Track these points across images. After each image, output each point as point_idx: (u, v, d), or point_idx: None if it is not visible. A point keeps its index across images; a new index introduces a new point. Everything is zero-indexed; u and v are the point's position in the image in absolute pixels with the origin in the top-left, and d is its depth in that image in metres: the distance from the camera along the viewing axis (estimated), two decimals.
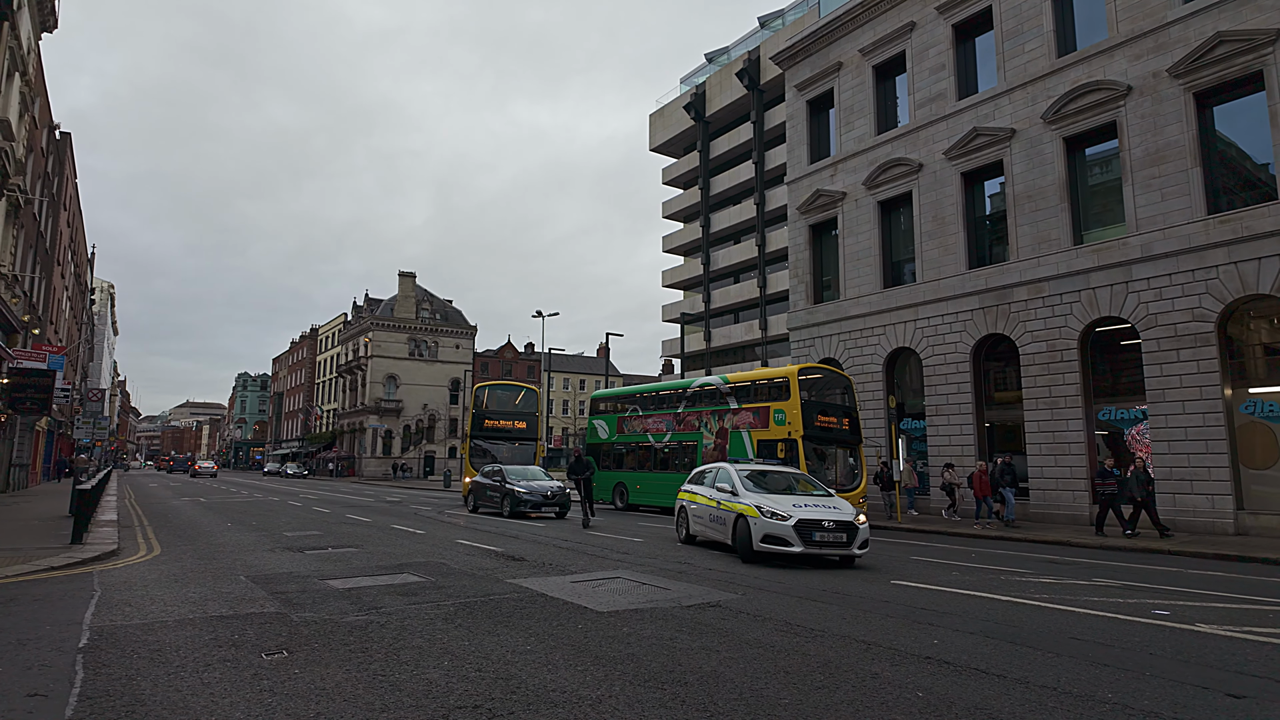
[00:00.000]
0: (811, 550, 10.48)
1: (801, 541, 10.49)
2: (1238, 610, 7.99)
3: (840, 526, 10.65)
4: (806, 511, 10.81)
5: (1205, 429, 16.90)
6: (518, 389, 30.13)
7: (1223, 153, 17.69)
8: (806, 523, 10.61)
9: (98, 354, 74.05)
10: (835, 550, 10.61)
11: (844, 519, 10.74)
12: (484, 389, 28.94)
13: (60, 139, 33.61)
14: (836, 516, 10.76)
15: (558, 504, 20.01)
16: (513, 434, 27.81)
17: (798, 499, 11.46)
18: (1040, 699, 4.68)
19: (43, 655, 5.32)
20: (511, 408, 28.78)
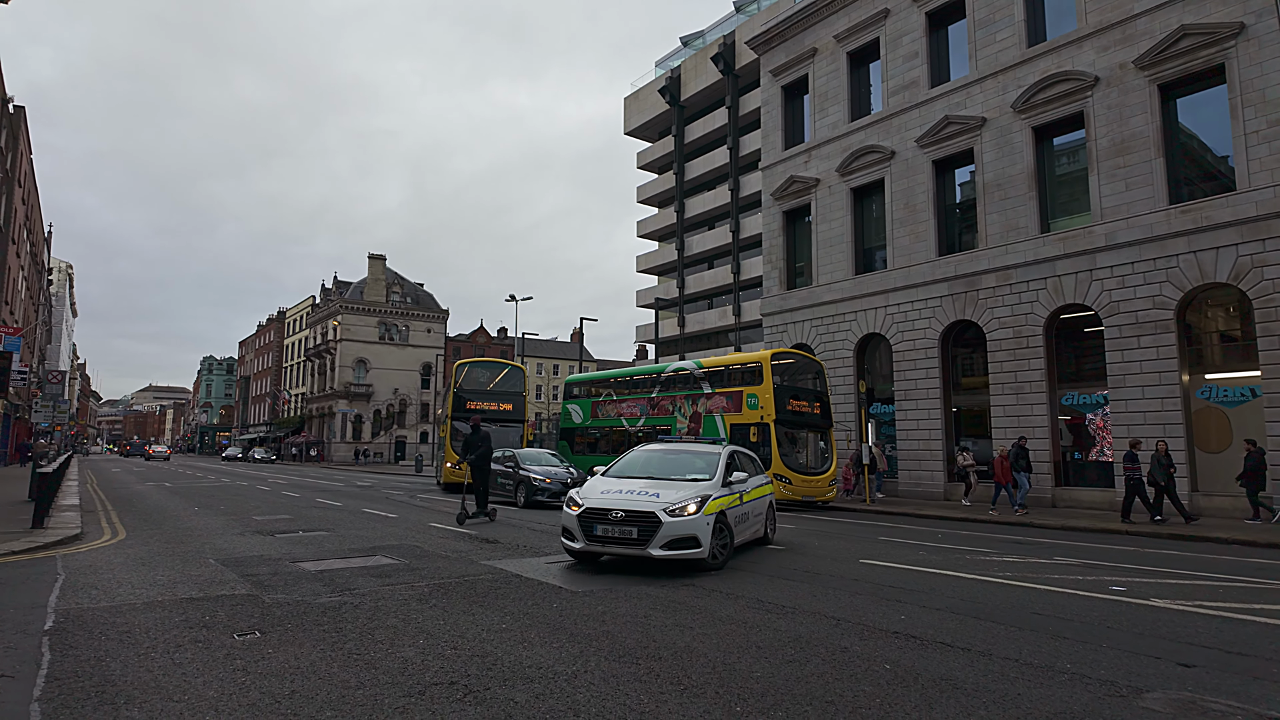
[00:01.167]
0: (592, 548, 8.29)
1: (584, 536, 8.33)
2: (1190, 586, 8.29)
3: (632, 519, 8.03)
4: (609, 498, 8.40)
5: (1163, 414, 17.41)
6: (501, 366, 27.87)
7: (1185, 144, 18.11)
8: (593, 513, 8.27)
9: (56, 336, 72.05)
10: (621, 548, 8.10)
11: (645, 509, 8.03)
12: (465, 366, 26.88)
13: (14, 113, 32.48)
14: (643, 506, 8.10)
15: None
16: (497, 416, 25.59)
17: (644, 484, 8.82)
18: (1003, 670, 4.83)
19: (7, 638, 5.24)
20: (496, 387, 26.66)
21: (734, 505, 9.08)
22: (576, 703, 4.07)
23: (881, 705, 4.12)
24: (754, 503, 10.04)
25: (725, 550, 8.70)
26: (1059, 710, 4.10)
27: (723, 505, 8.68)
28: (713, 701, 4.13)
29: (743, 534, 9.55)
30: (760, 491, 10.51)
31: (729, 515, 8.83)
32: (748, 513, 9.70)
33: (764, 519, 10.66)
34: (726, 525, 8.75)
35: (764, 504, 10.66)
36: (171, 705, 3.94)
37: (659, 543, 7.98)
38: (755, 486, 10.28)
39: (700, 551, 8.15)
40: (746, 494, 9.71)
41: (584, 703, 4.07)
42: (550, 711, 3.93)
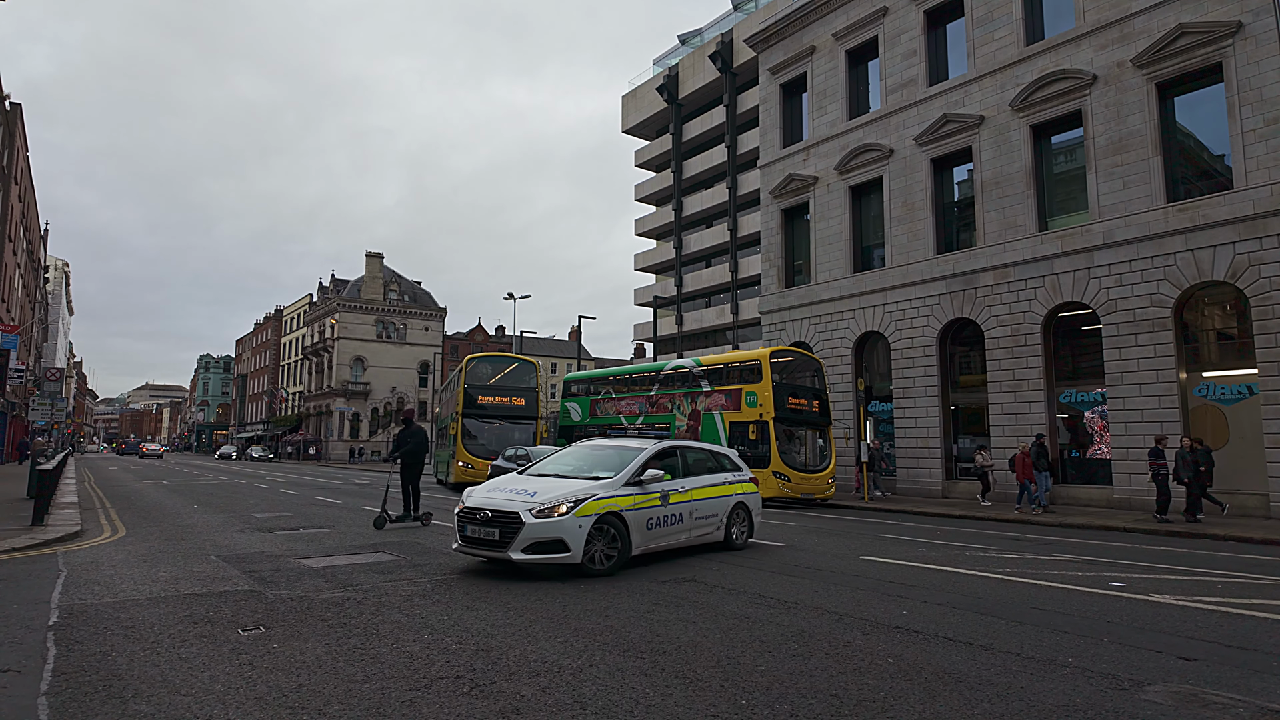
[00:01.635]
0: (464, 550, 7.99)
1: (459, 537, 8.05)
2: (1189, 581, 8.34)
3: (497, 519, 7.62)
4: (487, 497, 8.05)
5: (1161, 411, 17.47)
6: (513, 361, 26.69)
7: (1182, 143, 18.17)
8: (466, 513, 7.94)
9: (52, 334, 71.85)
10: (486, 550, 7.73)
11: (509, 509, 7.59)
12: (476, 361, 25.75)
13: (10, 110, 32.38)
14: (510, 505, 7.66)
15: None
16: (510, 412, 24.63)
17: (543, 481, 8.43)
18: (1005, 664, 4.87)
19: (11, 633, 5.24)
20: (508, 382, 25.37)
21: (642, 506, 8.29)
22: (583, 696, 4.09)
23: (885, 698, 4.15)
24: (692, 504, 9.13)
25: (615, 556, 7.87)
26: (1062, 703, 4.13)
27: (616, 506, 7.94)
28: (718, 695, 4.16)
29: (667, 538, 8.72)
30: (713, 492, 9.62)
31: (629, 517, 8.06)
32: (678, 514, 8.85)
33: (719, 521, 9.68)
34: (620, 528, 7.94)
35: (721, 504, 9.72)
36: (179, 699, 3.95)
37: (520, 545, 7.47)
38: (701, 486, 9.41)
39: (568, 556, 7.50)
40: (678, 494, 8.90)
41: (590, 696, 4.09)
42: (557, 705, 3.95)
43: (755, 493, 10.73)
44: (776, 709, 3.95)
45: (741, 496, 10.28)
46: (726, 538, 9.95)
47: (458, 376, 25.97)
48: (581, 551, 7.58)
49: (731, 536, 10.02)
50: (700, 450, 10.29)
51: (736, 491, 10.20)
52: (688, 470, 9.52)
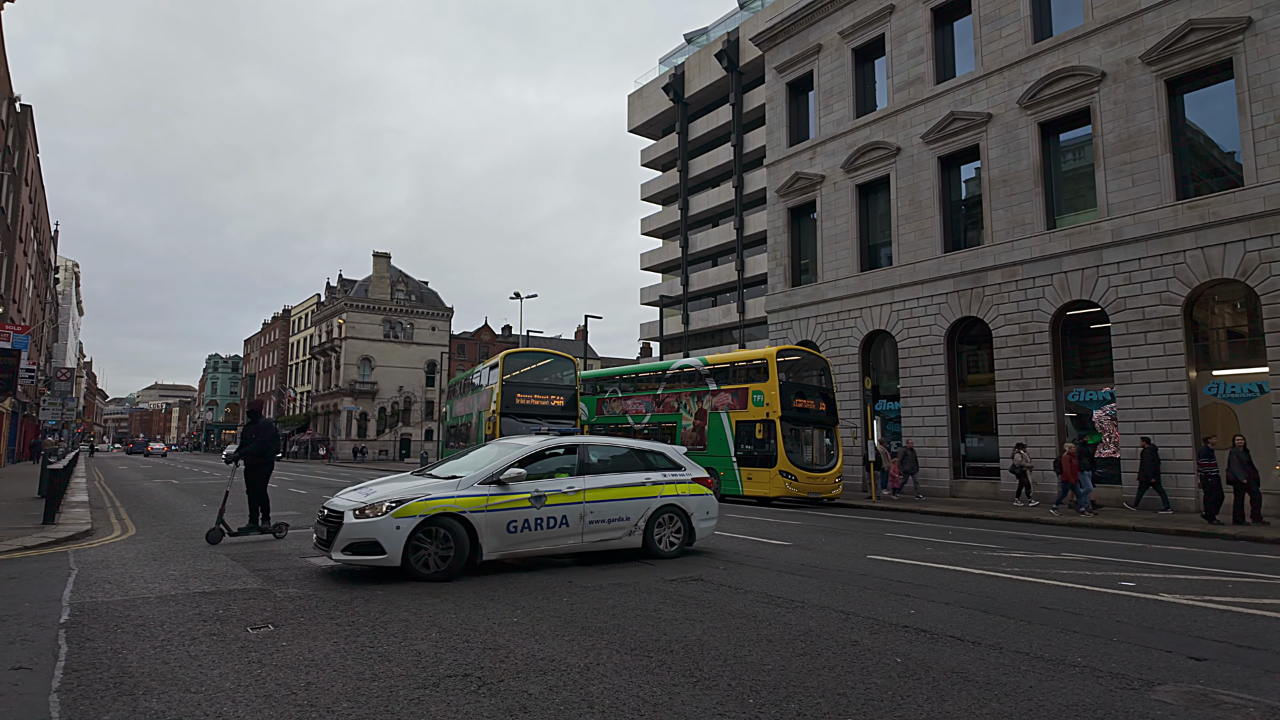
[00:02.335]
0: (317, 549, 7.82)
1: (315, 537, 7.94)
2: (1199, 581, 8.29)
3: (329, 519, 7.52)
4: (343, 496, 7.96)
5: (1170, 410, 17.37)
6: (553, 358, 24.99)
7: (1192, 140, 18.05)
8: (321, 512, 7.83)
9: (62, 334, 72.31)
10: (320, 549, 7.65)
11: (339, 508, 7.47)
12: (514, 357, 23.98)
13: (21, 111, 32.60)
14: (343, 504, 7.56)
15: None
16: (550, 412, 23.05)
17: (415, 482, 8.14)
18: (1013, 663, 4.85)
19: (24, 631, 5.28)
20: (548, 380, 23.92)
21: (501, 508, 7.77)
22: (590, 694, 4.09)
23: (894, 697, 4.14)
24: (585, 505, 8.38)
25: (450, 559, 7.39)
26: (1071, 703, 4.11)
27: (454, 507, 7.47)
28: (725, 693, 4.15)
29: (544, 542, 8.10)
30: (624, 493, 8.75)
31: (478, 518, 7.58)
32: (559, 517, 8.15)
33: (633, 525, 8.77)
34: (459, 530, 7.47)
35: (636, 507, 8.80)
36: (189, 696, 3.98)
37: (339, 545, 7.25)
38: (604, 487, 8.62)
39: (384, 559, 7.17)
40: (560, 495, 8.22)
41: (597, 695, 4.09)
42: (564, 703, 3.96)
43: (701, 495, 9.49)
44: (784, 708, 3.95)
45: (673, 499, 9.15)
46: (647, 544, 8.88)
47: (487, 372, 24.69)
48: (400, 554, 7.20)
49: (654, 543, 8.93)
50: (617, 448, 9.45)
51: (663, 493, 9.09)
52: (591, 469, 8.76)
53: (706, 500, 9.64)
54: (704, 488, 9.68)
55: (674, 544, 9.17)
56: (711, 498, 9.76)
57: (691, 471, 9.71)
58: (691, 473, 9.68)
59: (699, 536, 9.51)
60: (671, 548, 9.12)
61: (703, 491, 9.63)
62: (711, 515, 9.71)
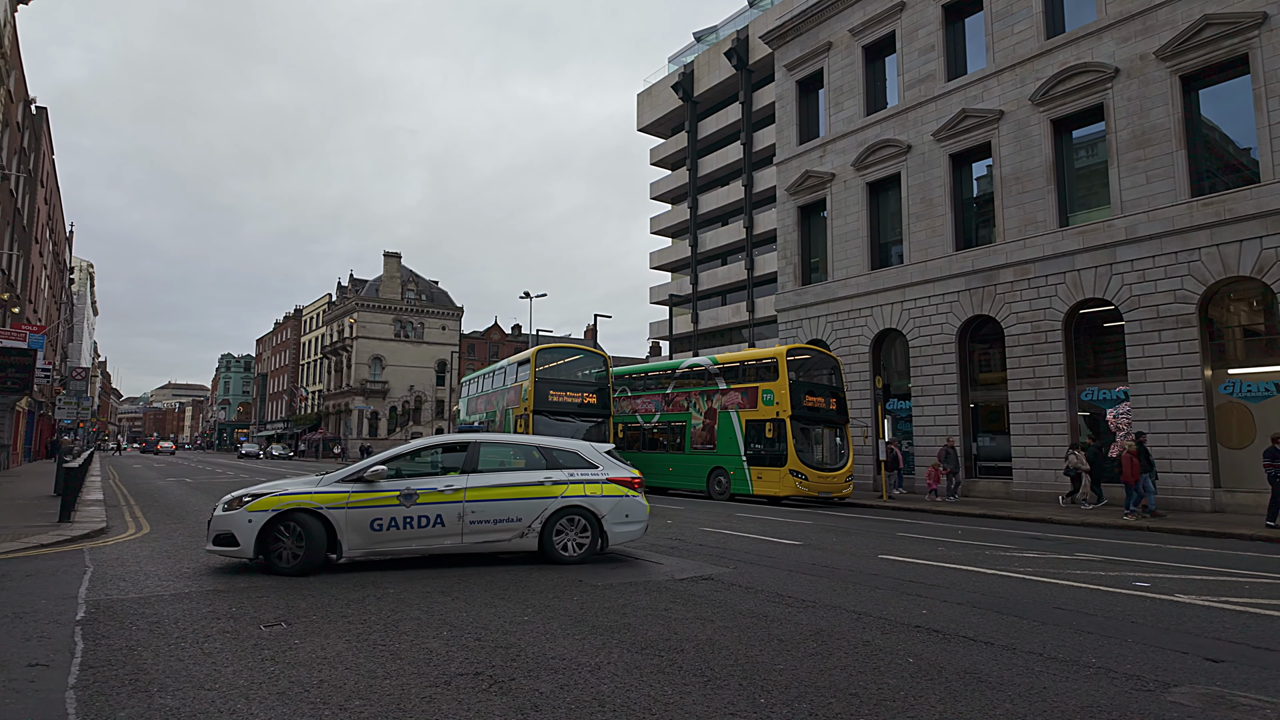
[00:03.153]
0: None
1: None
2: (1215, 582, 8.21)
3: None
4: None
5: (1185, 409, 17.21)
6: (585, 353, 24.50)
7: (1207, 136, 17.87)
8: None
9: (77, 334, 73.03)
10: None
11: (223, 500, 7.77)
12: (547, 353, 23.30)
13: (36, 114, 32.93)
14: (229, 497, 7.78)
15: None
16: (583, 409, 22.37)
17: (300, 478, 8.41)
18: (1027, 664, 4.81)
19: (40, 628, 5.33)
20: (581, 377, 23.25)
21: (364, 505, 7.70)
22: (601, 693, 4.10)
23: (906, 698, 4.12)
24: (465, 505, 8.04)
25: (300, 555, 7.43)
26: (1085, 704, 4.08)
27: (310, 502, 7.52)
28: (736, 693, 4.15)
29: (416, 541, 7.91)
30: (514, 492, 8.28)
31: (336, 515, 7.56)
32: (434, 516, 7.92)
33: (526, 527, 8.26)
34: (315, 526, 7.47)
35: (529, 508, 8.28)
36: (204, 694, 4.01)
37: (210, 537, 7.57)
38: (491, 486, 8.24)
39: (238, 550, 7.41)
40: (435, 493, 7.98)
41: (608, 693, 4.10)
42: (575, 702, 3.96)
43: (618, 495, 8.67)
44: (796, 708, 3.94)
45: (578, 500, 8.46)
46: (544, 548, 8.33)
47: (514, 368, 24.07)
48: (253, 547, 7.37)
49: (552, 547, 8.34)
50: (518, 445, 9.06)
51: (565, 493, 8.44)
52: (481, 468, 8.40)
53: (626, 502, 8.70)
54: (623, 488, 8.75)
55: (580, 548, 8.45)
56: (634, 499, 8.78)
57: (609, 471, 8.86)
58: (608, 472, 8.84)
59: (615, 541, 8.68)
60: (577, 552, 8.43)
61: (621, 492, 8.71)
62: (634, 519, 8.75)
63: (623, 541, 8.87)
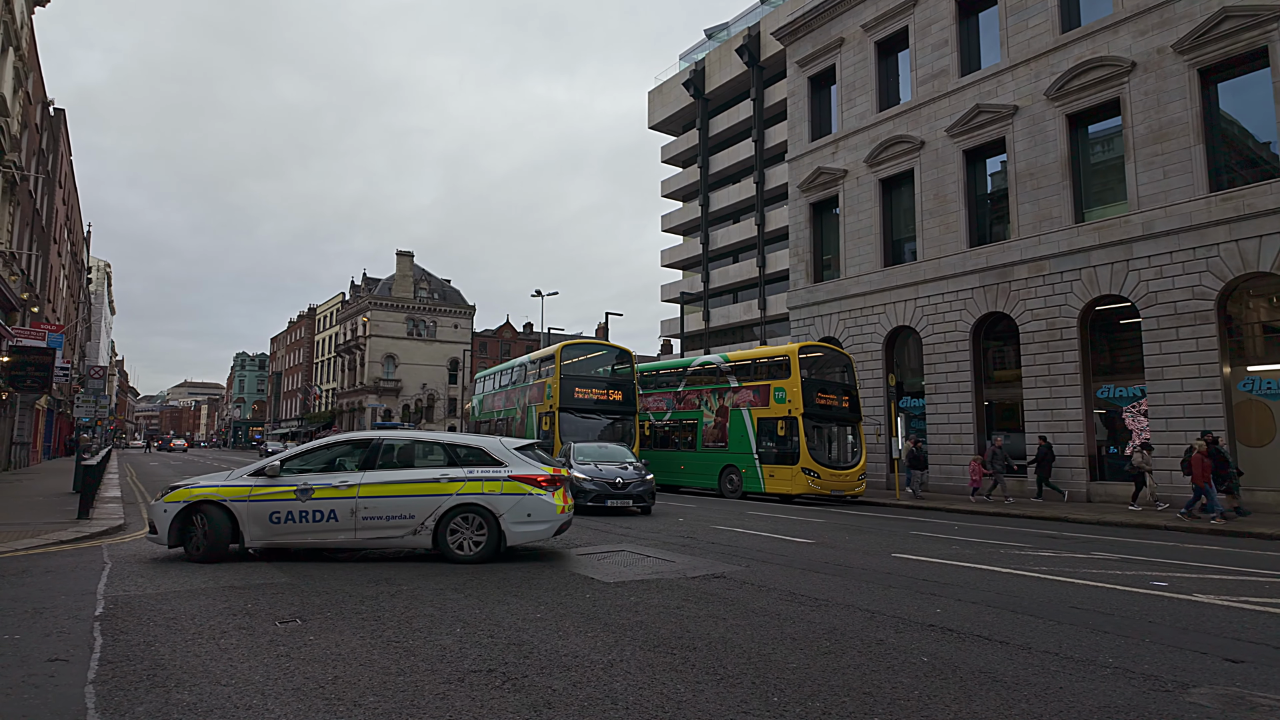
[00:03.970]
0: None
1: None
2: (1234, 581, 8.11)
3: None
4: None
5: (1203, 406, 17.01)
6: (610, 349, 24.22)
7: (1225, 130, 17.64)
8: None
9: (95, 333, 73.85)
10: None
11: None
12: (572, 349, 22.94)
13: (54, 115, 33.29)
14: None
15: (631, 496, 14.68)
16: (609, 407, 21.99)
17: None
18: (1043, 663, 4.77)
19: (60, 623, 5.40)
20: (606, 374, 23.06)
21: (264, 499, 8.03)
22: (614, 691, 4.10)
23: (920, 697, 4.09)
24: (359, 500, 8.12)
25: (204, 544, 7.96)
26: (1103, 704, 4.04)
27: (215, 495, 8.03)
28: (749, 691, 4.14)
29: (311, 535, 8.11)
30: (411, 489, 8.22)
31: (239, 508, 7.98)
32: (329, 510, 8.08)
33: (420, 524, 8.17)
34: (219, 517, 7.93)
35: (424, 505, 8.18)
36: (220, 689, 4.04)
37: (146, 525, 8.61)
38: (387, 482, 8.24)
39: (157, 538, 8.16)
40: (330, 489, 8.13)
41: (621, 691, 4.10)
42: (588, 699, 3.96)
43: (519, 494, 8.29)
44: (809, 706, 3.92)
45: (474, 498, 8.23)
46: (438, 545, 8.21)
47: (537, 365, 23.60)
48: (168, 535, 8.02)
49: (447, 544, 8.18)
50: (422, 443, 8.92)
51: (461, 491, 8.24)
52: (380, 465, 8.43)
53: (528, 500, 8.30)
54: (527, 486, 8.34)
55: (476, 546, 8.21)
56: (538, 499, 8.34)
57: (516, 468, 8.47)
58: (513, 469, 8.46)
59: (515, 541, 8.30)
60: (472, 550, 8.20)
61: (523, 490, 8.31)
62: (537, 518, 8.32)
63: (525, 542, 8.45)
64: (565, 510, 8.63)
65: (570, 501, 8.96)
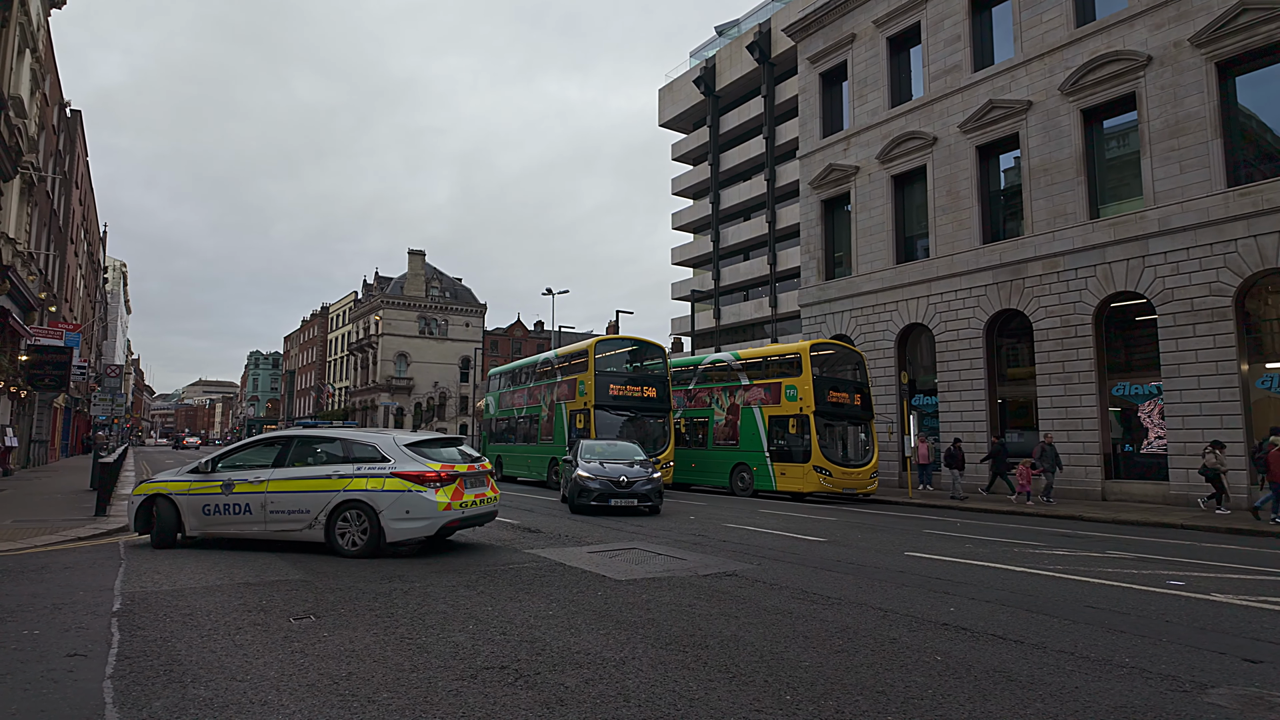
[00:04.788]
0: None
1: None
2: (1253, 581, 8.02)
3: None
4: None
5: (1220, 404, 16.82)
6: (643, 345, 23.58)
7: (1244, 124, 17.42)
8: None
9: (111, 332, 74.62)
10: None
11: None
12: (606, 344, 22.56)
13: (71, 116, 33.63)
14: None
15: (636, 495, 14.10)
16: (643, 404, 21.44)
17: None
18: (1058, 663, 4.74)
19: (78, 619, 5.46)
20: (640, 370, 22.57)
21: (199, 492, 8.90)
22: (626, 688, 4.10)
23: (934, 696, 4.07)
24: (265, 495, 8.60)
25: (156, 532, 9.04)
26: (1119, 704, 4.00)
27: (165, 489, 9.12)
28: (762, 689, 4.13)
29: (233, 525, 8.74)
30: (303, 485, 8.54)
31: (180, 500, 8.95)
32: (245, 504, 8.64)
33: (313, 519, 8.43)
34: (167, 509, 8.99)
35: (315, 500, 8.44)
36: (235, 684, 4.07)
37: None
38: (286, 479, 8.64)
39: (126, 525, 9.64)
40: (246, 484, 8.67)
41: (633, 688, 4.10)
42: (601, 696, 3.97)
43: (400, 490, 8.28)
44: (822, 705, 3.91)
45: (357, 494, 8.32)
46: (329, 540, 8.40)
47: (565, 361, 23.02)
48: (133, 523, 9.20)
49: (335, 539, 8.36)
50: (327, 440, 9.25)
51: (347, 488, 8.36)
52: (289, 461, 8.85)
53: (407, 497, 8.26)
54: (408, 483, 8.31)
55: (358, 543, 8.30)
56: (417, 495, 8.29)
57: (400, 465, 8.45)
58: (396, 466, 8.44)
59: (393, 538, 8.25)
60: (355, 547, 8.30)
61: (403, 487, 8.29)
62: (415, 515, 8.25)
63: (403, 538, 8.33)
64: (454, 508, 8.50)
65: (471, 498, 8.79)
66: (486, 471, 9.44)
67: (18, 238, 22.40)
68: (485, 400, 30.53)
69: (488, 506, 9.16)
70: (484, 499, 9.09)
